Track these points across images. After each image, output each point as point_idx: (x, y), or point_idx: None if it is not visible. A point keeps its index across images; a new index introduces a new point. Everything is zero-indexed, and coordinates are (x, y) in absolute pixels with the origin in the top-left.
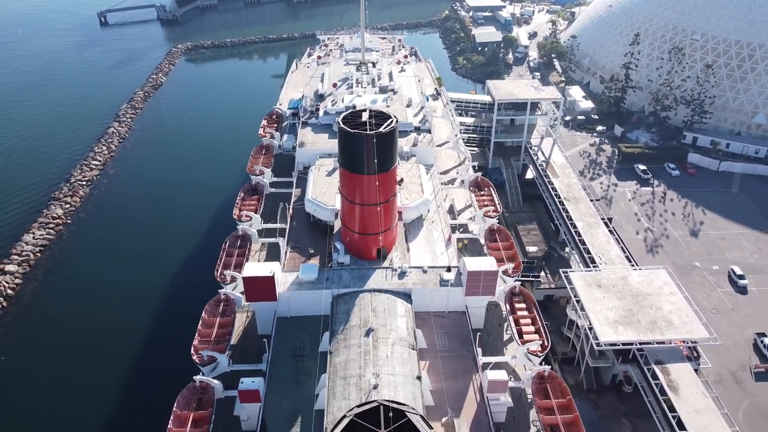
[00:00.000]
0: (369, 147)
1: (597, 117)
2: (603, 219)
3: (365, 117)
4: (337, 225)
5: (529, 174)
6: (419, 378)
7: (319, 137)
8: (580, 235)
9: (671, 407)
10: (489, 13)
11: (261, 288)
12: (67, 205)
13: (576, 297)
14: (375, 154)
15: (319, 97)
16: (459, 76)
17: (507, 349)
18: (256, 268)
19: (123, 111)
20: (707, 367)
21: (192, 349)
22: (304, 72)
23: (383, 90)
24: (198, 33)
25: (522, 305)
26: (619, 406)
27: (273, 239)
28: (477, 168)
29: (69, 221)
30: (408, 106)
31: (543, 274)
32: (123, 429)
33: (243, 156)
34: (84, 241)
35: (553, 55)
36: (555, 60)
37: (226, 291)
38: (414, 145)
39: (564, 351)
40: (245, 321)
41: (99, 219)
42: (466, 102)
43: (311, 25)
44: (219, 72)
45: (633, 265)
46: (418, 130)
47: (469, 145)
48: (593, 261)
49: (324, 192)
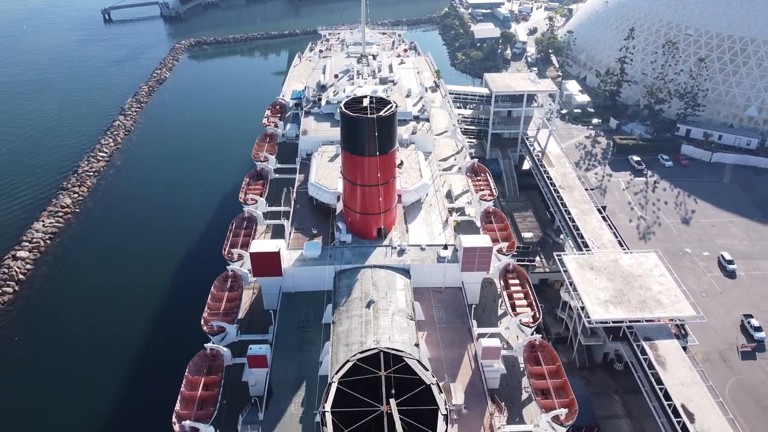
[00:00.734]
0: (370, 130)
1: (593, 110)
2: (597, 207)
3: (366, 103)
4: (339, 207)
5: (526, 165)
6: (417, 345)
7: (322, 125)
8: (573, 221)
9: (658, 380)
10: (488, 10)
11: (267, 263)
12: (75, 195)
13: (569, 279)
14: (375, 136)
15: (321, 88)
16: (458, 71)
17: (501, 323)
18: (262, 244)
19: (128, 105)
20: (695, 345)
21: (202, 321)
22: (306, 65)
23: (383, 81)
24: (200, 29)
25: (515, 281)
26: (611, 382)
27: (278, 221)
28: (473, 156)
29: (77, 210)
30: (407, 96)
31: (538, 259)
32: (138, 391)
33: (247, 146)
34: (92, 229)
35: (551, 51)
36: (552, 55)
37: (233, 267)
38: (413, 133)
39: (557, 332)
40: (252, 297)
41: (106, 207)
42: (464, 94)
43: (312, 22)
44: (222, 67)
45: (624, 249)
46: (417, 119)
47: (468, 137)
48: (586, 245)
49: (326, 176)
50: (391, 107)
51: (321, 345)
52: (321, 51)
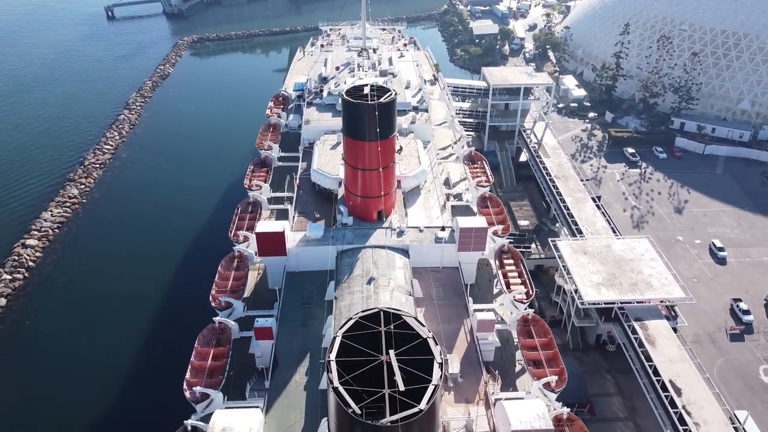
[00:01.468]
0: (370, 116)
1: (589, 104)
2: (591, 196)
3: (367, 90)
4: (341, 192)
5: (523, 157)
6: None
7: (323, 115)
8: (568, 209)
9: (648, 358)
10: (486, 7)
11: (272, 243)
12: (82, 186)
13: (563, 263)
14: (376, 122)
15: (323, 80)
16: (457, 66)
17: (496, 301)
18: (267, 224)
19: (132, 99)
20: (684, 326)
21: (210, 297)
22: (308, 59)
23: (383, 74)
24: (203, 26)
25: (510, 261)
26: (603, 363)
27: (281, 206)
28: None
29: (84, 200)
30: (407, 87)
31: (534, 245)
32: (149, 363)
33: (250, 137)
34: (100, 217)
35: (548, 47)
36: (549, 51)
37: (239, 248)
38: (412, 123)
39: (552, 315)
40: (257, 277)
41: (113, 197)
42: (462, 87)
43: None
44: (224, 63)
45: (617, 236)
46: (416, 109)
47: (466, 129)
48: (580, 232)
49: (328, 163)
50: (391, 94)
51: (324, 319)
52: (322, 45)
